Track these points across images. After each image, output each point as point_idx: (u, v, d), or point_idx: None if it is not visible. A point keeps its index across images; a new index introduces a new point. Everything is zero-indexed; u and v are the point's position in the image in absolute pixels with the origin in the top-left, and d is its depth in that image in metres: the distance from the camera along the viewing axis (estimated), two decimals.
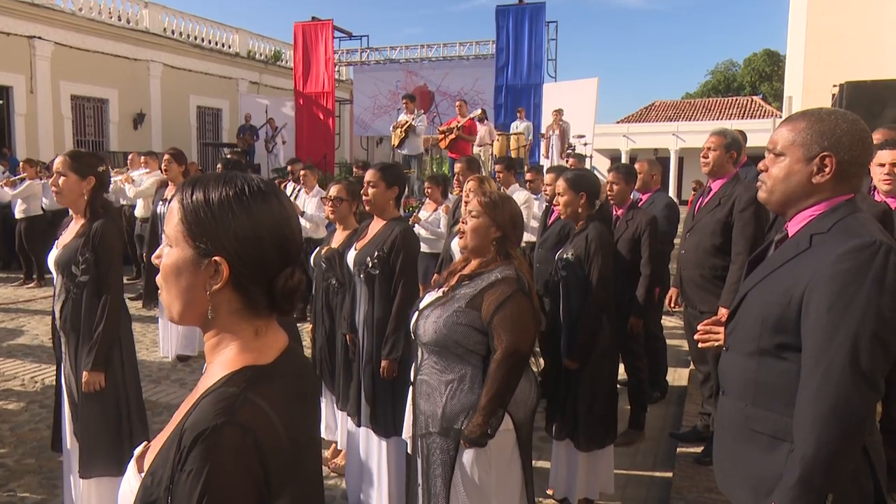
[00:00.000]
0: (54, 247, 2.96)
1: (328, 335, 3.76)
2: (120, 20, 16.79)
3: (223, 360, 1.03)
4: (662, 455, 4.04)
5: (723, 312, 2.80)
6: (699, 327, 2.00)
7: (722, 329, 1.94)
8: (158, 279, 1.05)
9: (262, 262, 1.01)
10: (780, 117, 23.24)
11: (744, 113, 31.31)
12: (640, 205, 4.75)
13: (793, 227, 1.66)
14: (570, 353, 3.26)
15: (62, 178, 2.84)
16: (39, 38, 14.72)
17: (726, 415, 1.75)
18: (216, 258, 0.99)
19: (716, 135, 3.63)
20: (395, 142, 11.06)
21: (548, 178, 5.14)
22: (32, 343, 6.39)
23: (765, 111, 31.00)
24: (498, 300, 2.30)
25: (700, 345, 2.01)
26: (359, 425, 3.31)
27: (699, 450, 3.69)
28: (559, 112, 12.04)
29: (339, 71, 17.93)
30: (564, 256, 3.32)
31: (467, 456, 2.30)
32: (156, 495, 0.92)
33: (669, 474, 3.68)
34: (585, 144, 12.73)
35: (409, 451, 2.61)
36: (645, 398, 4.35)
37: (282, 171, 13.01)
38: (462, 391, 2.33)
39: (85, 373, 2.83)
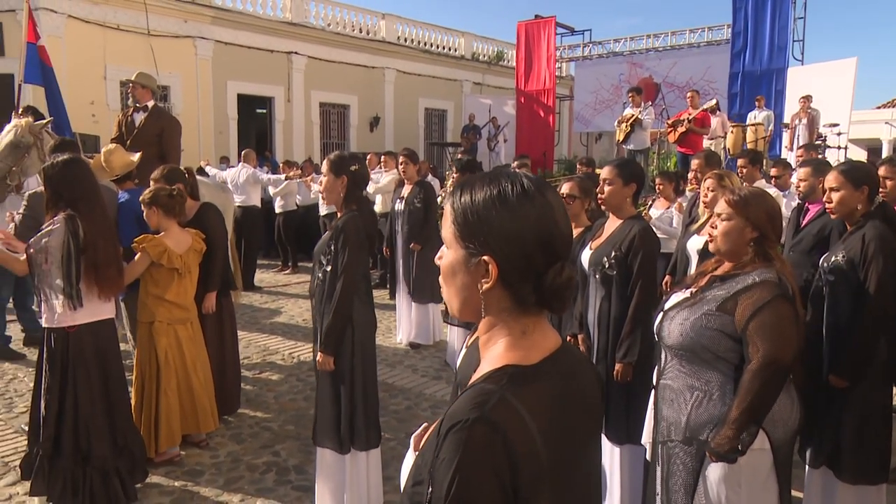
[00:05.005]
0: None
1: None
2: (361, 32, 18.41)
3: (491, 357, 1.05)
4: None
5: None
6: None
7: None
8: (440, 278, 1.11)
9: (527, 260, 1.02)
10: None
11: None
12: None
13: None
14: (837, 370, 2.88)
15: (325, 179, 3.15)
16: (296, 53, 16.66)
17: None
18: (485, 258, 1.01)
19: None
20: (620, 137, 10.69)
21: (802, 172, 4.57)
22: (289, 322, 7.25)
23: None
24: (755, 305, 2.12)
25: None
26: None
27: None
28: (807, 98, 10.78)
29: (559, 67, 17.85)
30: (833, 259, 2.94)
31: (714, 471, 2.14)
32: (423, 475, 0.97)
33: None
34: (839, 134, 11.24)
35: (649, 457, 2.50)
36: None
37: None
38: (710, 400, 2.19)
39: (319, 353, 3.10)
